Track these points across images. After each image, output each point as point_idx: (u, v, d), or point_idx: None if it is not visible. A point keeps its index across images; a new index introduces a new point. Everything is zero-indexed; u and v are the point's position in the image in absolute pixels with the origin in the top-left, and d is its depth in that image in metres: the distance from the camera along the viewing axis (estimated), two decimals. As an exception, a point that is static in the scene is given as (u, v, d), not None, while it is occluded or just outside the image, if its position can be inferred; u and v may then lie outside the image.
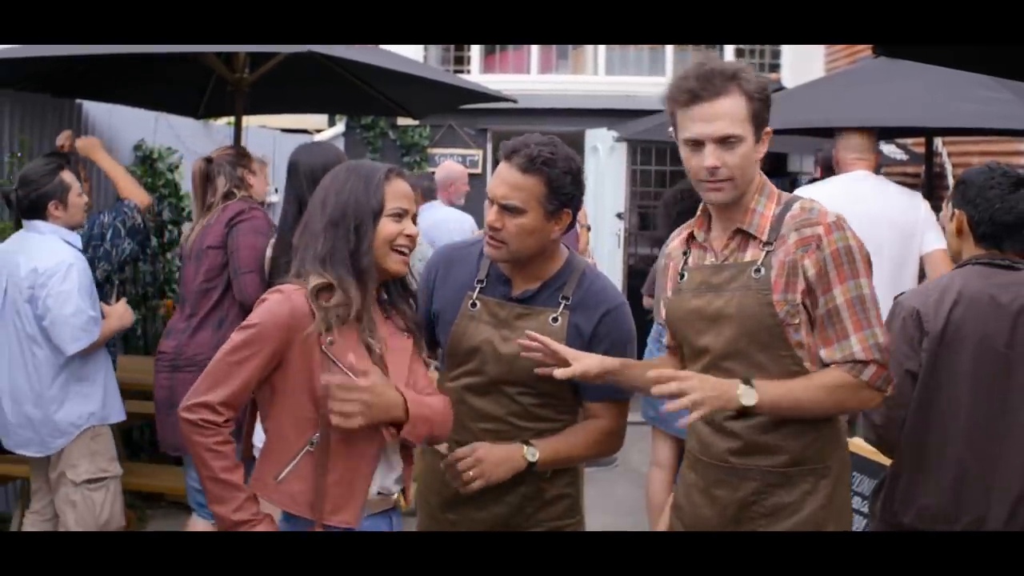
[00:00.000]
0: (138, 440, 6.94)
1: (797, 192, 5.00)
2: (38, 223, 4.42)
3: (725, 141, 2.65)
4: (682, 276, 2.87)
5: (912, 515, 3.13)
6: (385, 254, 2.71)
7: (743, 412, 2.59)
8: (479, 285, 3.06)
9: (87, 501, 4.42)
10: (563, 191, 2.89)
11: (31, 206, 4.41)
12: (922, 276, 5.03)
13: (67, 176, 4.52)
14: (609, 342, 2.98)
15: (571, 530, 3.13)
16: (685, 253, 2.90)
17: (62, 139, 5.45)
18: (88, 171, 5.57)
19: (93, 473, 4.44)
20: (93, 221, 5.01)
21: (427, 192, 7.87)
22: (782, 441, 2.69)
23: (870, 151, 5.20)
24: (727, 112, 2.64)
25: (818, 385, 2.64)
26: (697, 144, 2.68)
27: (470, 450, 2.90)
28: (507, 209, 2.88)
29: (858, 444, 3.64)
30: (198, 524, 4.55)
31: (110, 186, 7.12)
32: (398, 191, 2.73)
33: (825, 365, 2.67)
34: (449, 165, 9.05)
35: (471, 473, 2.88)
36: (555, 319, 2.97)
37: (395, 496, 2.83)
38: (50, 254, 4.32)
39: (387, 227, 2.69)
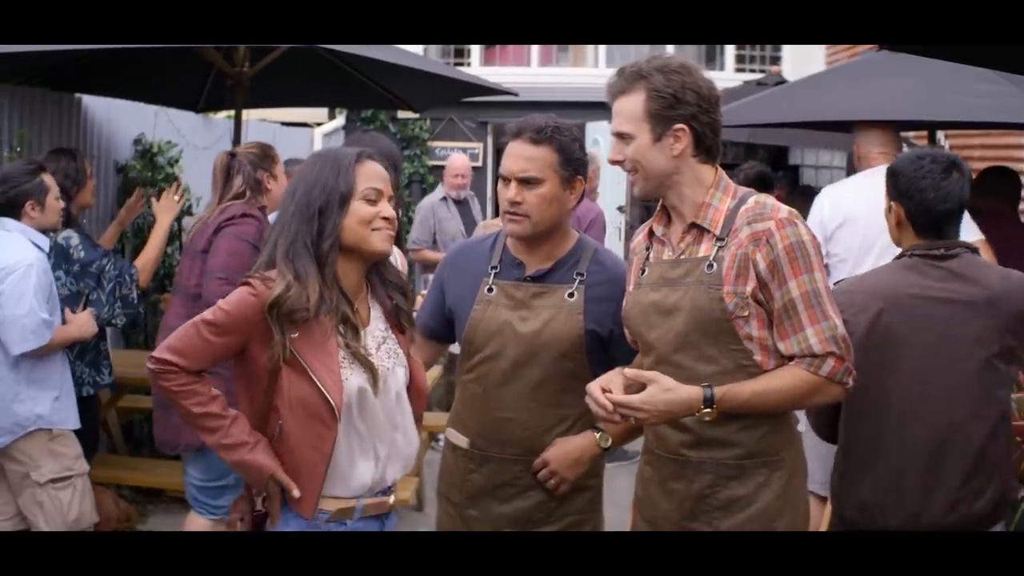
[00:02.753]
0: (138, 435, 6.94)
1: (823, 194, 5.05)
2: (7, 221, 4.36)
3: (621, 136, 2.77)
4: (643, 271, 2.87)
5: (854, 509, 3.15)
6: (366, 235, 2.68)
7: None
8: (493, 271, 3.13)
9: (54, 501, 4.37)
10: (574, 157, 3.03)
11: (7, 203, 4.37)
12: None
13: (47, 178, 4.49)
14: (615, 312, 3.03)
15: (590, 525, 3.18)
16: (647, 248, 2.91)
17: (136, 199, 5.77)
18: (93, 169, 5.55)
19: (57, 472, 4.39)
20: (99, 255, 4.92)
21: None
22: (735, 435, 2.70)
23: (893, 145, 5.15)
24: (622, 109, 2.76)
25: (778, 387, 2.65)
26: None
27: (541, 463, 3.04)
28: (526, 182, 2.98)
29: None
30: (196, 521, 4.53)
31: (111, 188, 7.16)
32: (370, 173, 2.71)
33: (784, 358, 2.68)
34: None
35: (552, 482, 3.04)
36: (571, 294, 3.05)
37: (391, 500, 2.80)
38: (12, 252, 4.26)
39: (361, 209, 2.67)
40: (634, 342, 2.93)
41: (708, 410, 2.59)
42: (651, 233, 2.91)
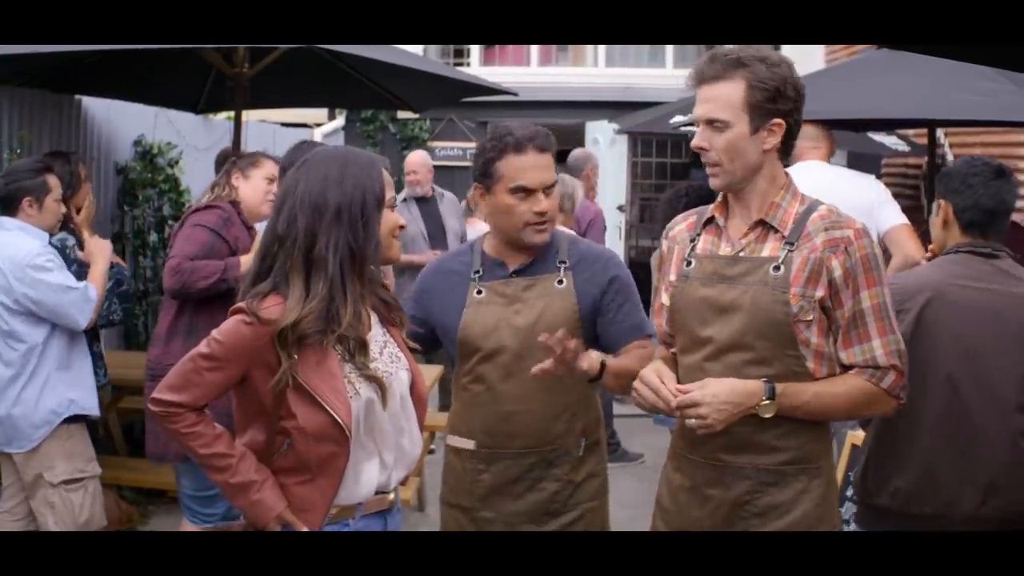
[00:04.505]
0: (139, 437, 6.92)
1: None
2: (4, 220, 4.36)
3: (712, 124, 2.66)
4: (688, 263, 2.79)
5: (886, 497, 3.16)
6: (389, 243, 2.68)
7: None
8: (477, 275, 3.17)
9: (66, 502, 4.38)
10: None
11: (6, 196, 4.37)
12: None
13: (52, 180, 4.47)
14: (612, 288, 3.17)
15: (602, 513, 3.25)
16: (693, 240, 2.82)
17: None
18: (93, 170, 5.54)
19: (71, 474, 4.40)
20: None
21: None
22: (776, 440, 2.65)
23: (824, 140, 5.20)
24: (718, 96, 2.65)
25: (837, 392, 2.62)
26: (696, 125, 2.73)
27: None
28: (550, 189, 3.09)
29: (860, 437, 3.64)
30: (189, 528, 4.52)
31: (111, 189, 7.16)
32: (388, 180, 2.69)
33: (844, 367, 2.65)
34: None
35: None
36: (560, 281, 3.12)
37: (391, 496, 2.77)
38: (18, 247, 4.27)
39: (389, 217, 2.66)
40: (668, 336, 2.87)
41: (768, 402, 2.56)
42: (702, 223, 2.84)
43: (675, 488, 2.82)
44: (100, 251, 4.60)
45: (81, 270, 4.76)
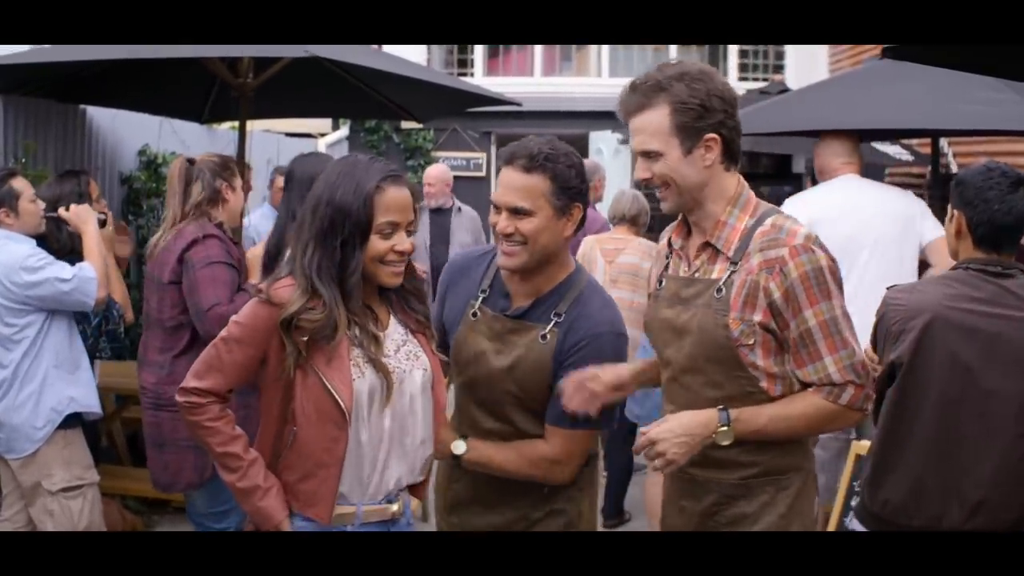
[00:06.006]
0: (143, 447, 6.92)
1: (787, 203, 4.98)
2: None
3: (647, 155, 2.65)
4: (661, 282, 2.84)
5: (878, 507, 3.16)
6: (375, 271, 2.66)
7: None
8: (481, 295, 3.06)
9: (65, 510, 4.37)
10: (569, 185, 2.85)
11: None
12: (923, 268, 5.00)
13: (17, 183, 4.44)
14: (577, 365, 2.86)
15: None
16: (667, 257, 2.87)
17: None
18: (97, 180, 5.53)
19: (69, 481, 4.39)
20: None
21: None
22: (741, 456, 2.67)
23: (855, 154, 5.17)
24: (644, 126, 2.63)
25: (796, 415, 2.61)
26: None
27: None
28: (517, 213, 2.84)
29: (865, 446, 3.63)
30: None
31: (115, 199, 7.17)
32: (390, 203, 2.63)
33: (801, 384, 2.64)
34: None
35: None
36: (544, 336, 2.92)
37: (395, 507, 2.77)
38: (9, 253, 4.26)
39: (375, 245, 2.63)
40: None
41: (724, 429, 2.56)
42: (669, 242, 2.87)
43: (664, 498, 2.94)
44: (84, 218, 4.53)
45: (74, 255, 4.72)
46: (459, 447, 2.97)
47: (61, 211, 4.54)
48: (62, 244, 4.66)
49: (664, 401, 2.85)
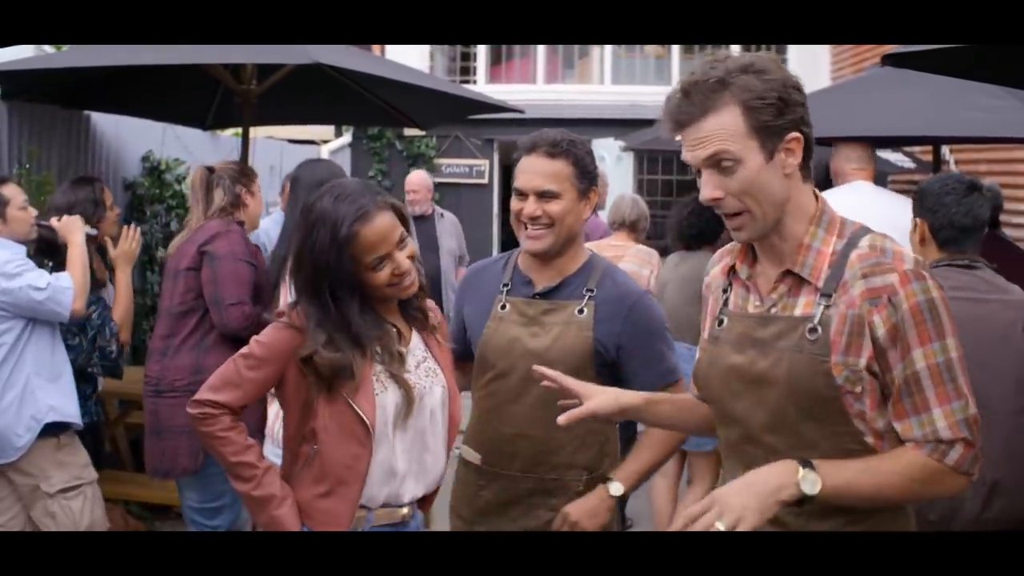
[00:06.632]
0: (146, 451, 6.94)
1: None
2: None
3: (718, 164, 2.14)
4: (720, 322, 2.35)
5: None
6: (385, 293, 2.70)
7: (800, 502, 2.07)
8: (505, 288, 3.14)
9: (66, 511, 4.38)
10: (588, 170, 3.04)
11: None
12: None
13: (7, 190, 4.45)
14: (638, 332, 3.02)
15: None
16: (725, 290, 2.39)
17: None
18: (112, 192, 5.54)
19: (67, 482, 4.40)
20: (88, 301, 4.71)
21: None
22: (839, 530, 2.20)
23: (870, 161, 5.21)
24: (713, 132, 2.12)
25: (891, 471, 2.12)
26: (698, 174, 2.20)
27: (561, 518, 3.01)
28: (544, 196, 2.98)
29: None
30: None
31: (119, 205, 7.18)
32: (369, 241, 2.62)
33: (899, 439, 2.16)
34: None
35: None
36: (581, 310, 3.02)
37: (404, 511, 2.80)
38: None
39: (372, 279, 2.66)
40: (703, 398, 2.47)
41: (812, 474, 2.05)
42: (731, 269, 2.39)
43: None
44: (71, 228, 4.54)
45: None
46: (616, 488, 3.00)
47: (53, 221, 4.56)
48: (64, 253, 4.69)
49: (730, 468, 2.35)
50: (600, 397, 2.53)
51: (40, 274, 4.30)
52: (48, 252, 4.62)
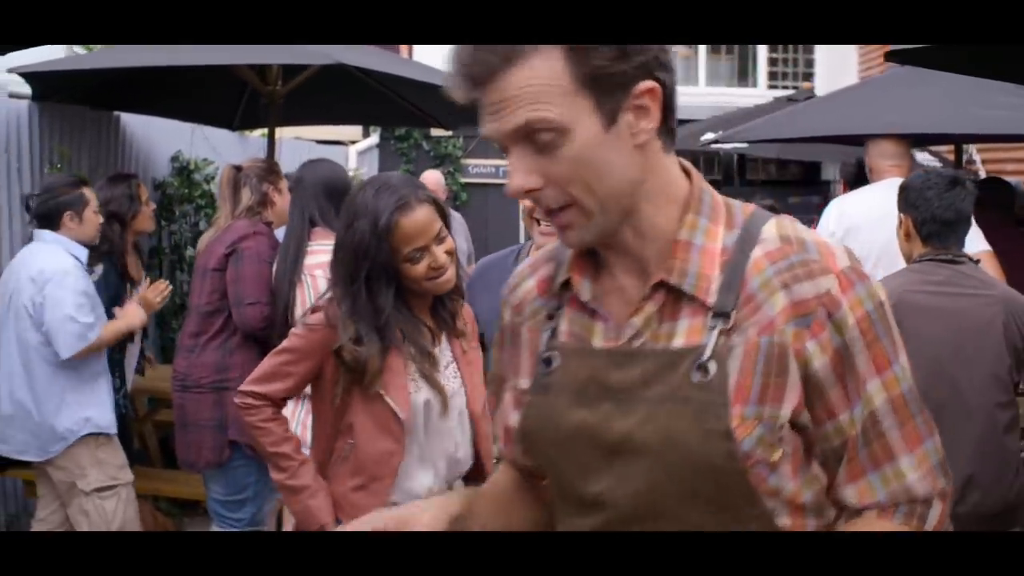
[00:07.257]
0: (175, 448, 7.01)
1: (834, 203, 5.00)
2: (45, 233, 4.49)
3: (531, 137, 1.40)
4: (548, 362, 1.55)
5: None
6: (422, 287, 2.74)
7: None
8: None
9: (99, 510, 4.47)
10: None
11: (46, 213, 4.48)
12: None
13: (88, 192, 4.59)
14: None
15: None
16: (551, 317, 1.58)
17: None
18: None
19: (103, 481, 4.49)
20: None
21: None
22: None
23: (905, 157, 5.15)
24: (524, 86, 1.38)
25: None
26: (503, 150, 1.46)
27: None
28: None
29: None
30: None
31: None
32: (408, 232, 2.66)
33: (851, 512, 1.49)
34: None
35: None
36: None
37: None
38: (49, 261, 4.38)
39: (411, 271, 2.70)
40: (539, 476, 1.69)
41: None
42: (560, 283, 1.59)
43: None
44: (130, 316, 4.69)
45: (116, 296, 4.88)
46: None
47: (116, 310, 4.71)
48: (114, 246, 4.91)
49: None
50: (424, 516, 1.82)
51: (81, 305, 4.37)
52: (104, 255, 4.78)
